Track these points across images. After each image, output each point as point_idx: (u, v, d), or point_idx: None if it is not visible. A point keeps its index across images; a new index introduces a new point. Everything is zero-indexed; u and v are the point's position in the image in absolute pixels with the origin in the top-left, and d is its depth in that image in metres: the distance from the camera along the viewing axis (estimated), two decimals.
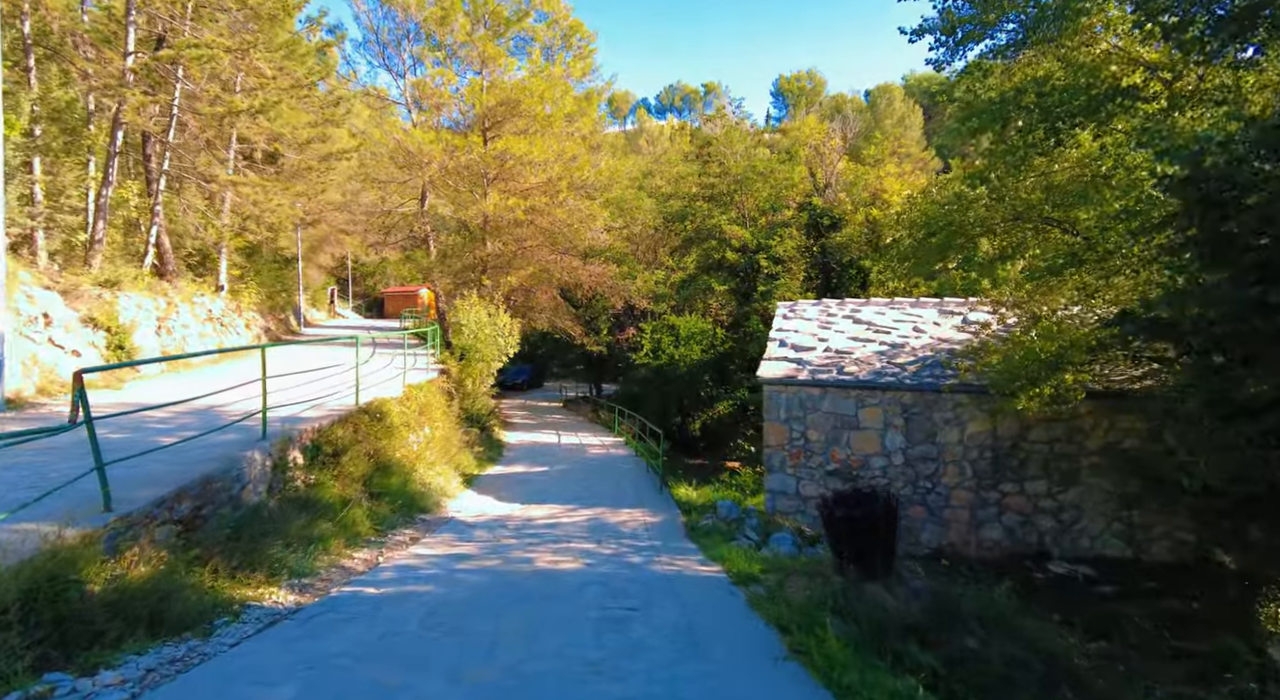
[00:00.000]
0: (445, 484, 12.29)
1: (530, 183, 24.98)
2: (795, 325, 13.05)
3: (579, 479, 14.77)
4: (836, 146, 25.57)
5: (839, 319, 13.03)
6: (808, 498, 11.28)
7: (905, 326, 12.38)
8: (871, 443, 10.98)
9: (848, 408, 11.10)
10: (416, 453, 12.44)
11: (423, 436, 13.25)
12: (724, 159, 25.32)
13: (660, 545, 8.17)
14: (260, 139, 18.58)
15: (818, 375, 11.35)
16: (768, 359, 12.07)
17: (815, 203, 24.42)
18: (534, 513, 11.00)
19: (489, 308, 22.49)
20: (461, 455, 15.25)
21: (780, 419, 11.44)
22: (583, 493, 13.03)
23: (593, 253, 30.68)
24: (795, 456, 11.37)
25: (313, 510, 8.21)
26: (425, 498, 10.93)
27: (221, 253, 20.78)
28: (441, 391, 15.97)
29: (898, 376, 10.97)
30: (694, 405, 28.81)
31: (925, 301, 13.13)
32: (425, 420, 13.60)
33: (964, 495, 10.52)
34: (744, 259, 24.18)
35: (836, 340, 12.31)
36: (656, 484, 14.22)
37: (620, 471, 16.14)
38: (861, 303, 13.57)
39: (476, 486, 13.63)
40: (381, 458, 10.59)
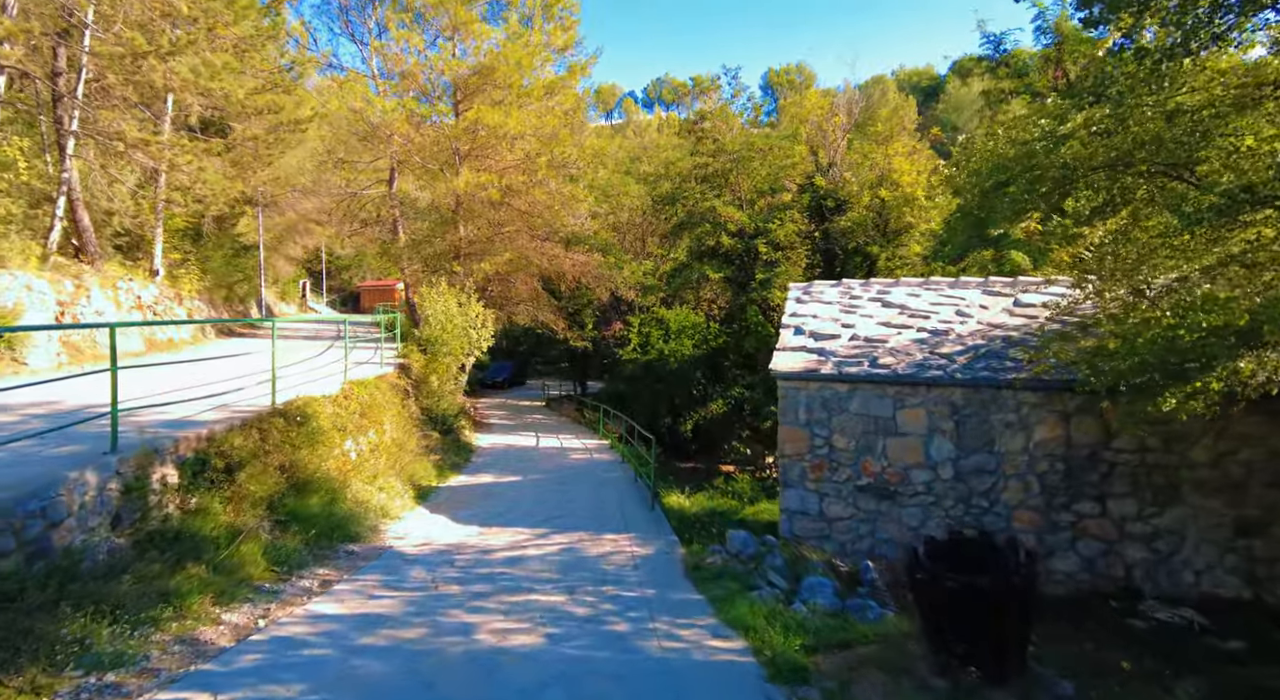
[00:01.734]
0: (388, 501, 10.07)
1: (506, 160, 22.73)
2: (812, 309, 10.95)
3: (556, 491, 12.60)
4: (841, 123, 23.49)
5: (864, 302, 10.94)
6: (834, 520, 9.18)
7: (945, 310, 10.32)
8: (913, 451, 8.89)
9: (883, 408, 9.01)
10: (354, 463, 10.21)
11: (364, 443, 11.03)
12: (719, 135, 23.19)
13: (655, 597, 6.01)
14: (195, 101, 16.22)
15: (845, 368, 9.25)
16: (782, 349, 9.95)
17: (819, 183, 22.34)
18: (495, 540, 8.81)
19: (460, 297, 20.25)
20: (417, 464, 13.02)
21: (799, 422, 9.33)
22: (558, 510, 10.86)
23: (576, 240, 28.47)
24: (818, 468, 9.26)
25: (182, 550, 5.99)
26: (357, 521, 8.72)
27: (157, 233, 18.38)
28: (394, 389, 13.73)
29: (945, 369, 8.89)
30: (686, 404, 26.68)
31: (966, 281, 11.06)
32: (369, 423, 11.37)
33: (1029, 517, 8.46)
34: (740, 244, 22.06)
35: (864, 326, 10.21)
36: (646, 498, 12.08)
37: (604, 481, 13.98)
38: (889, 283, 11.49)
39: (431, 502, 11.42)
40: (300, 471, 8.37)
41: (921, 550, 4.11)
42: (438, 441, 15.63)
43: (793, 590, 6.23)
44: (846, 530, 9.15)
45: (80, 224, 15.77)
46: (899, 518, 8.95)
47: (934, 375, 8.82)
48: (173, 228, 19.73)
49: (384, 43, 21.53)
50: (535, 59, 22.70)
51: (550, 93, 24.84)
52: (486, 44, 22.27)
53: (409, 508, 10.63)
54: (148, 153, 12.37)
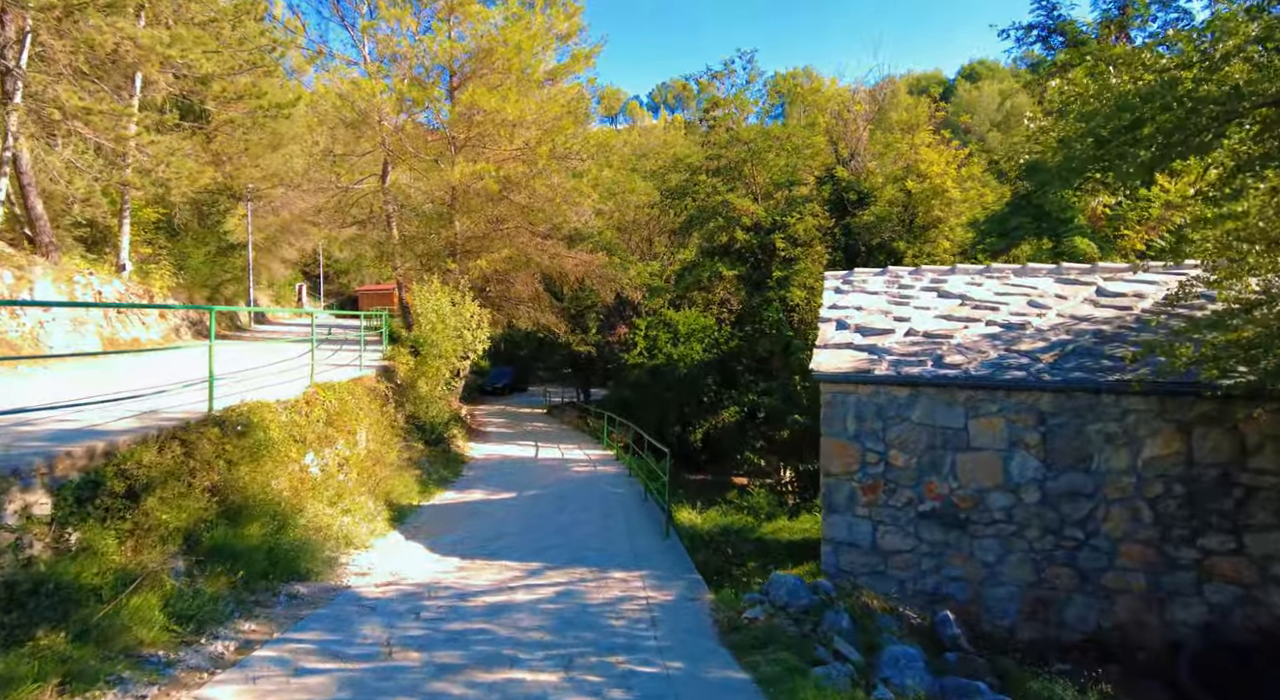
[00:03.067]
0: (354, 527, 8.47)
1: (505, 151, 21.21)
2: (856, 300, 9.35)
3: (554, 511, 10.98)
4: (863, 112, 21.94)
5: (917, 292, 9.33)
6: (891, 553, 7.54)
7: (1015, 301, 8.71)
8: (989, 470, 7.26)
9: (952, 417, 7.39)
10: (314, 481, 8.62)
11: (331, 456, 9.43)
12: (732, 123, 21.63)
13: (682, 675, 4.39)
14: (162, 80, 14.74)
15: (904, 368, 7.64)
16: (823, 346, 8.35)
17: (840, 174, 20.77)
18: (477, 578, 7.19)
19: (454, 295, 18.71)
20: (396, 479, 11.42)
21: (847, 433, 7.71)
22: (556, 536, 9.24)
23: (579, 237, 26.95)
24: (871, 490, 7.63)
25: (39, 609, 4.41)
26: (310, 554, 7.11)
27: (123, 224, 16.87)
28: (373, 394, 12.14)
29: (1029, 369, 7.27)
30: (695, 412, 25.04)
31: (1035, 268, 9.45)
32: (338, 432, 9.78)
33: (1139, 553, 6.82)
34: (756, 240, 20.49)
35: (921, 319, 8.61)
36: (659, 522, 10.45)
37: (609, 499, 12.36)
38: (943, 270, 9.89)
39: (408, 525, 9.81)
40: (237, 493, 6.77)
41: (1185, 667, 2.50)
42: (424, 453, 14.03)
43: (869, 664, 4.60)
44: (906, 566, 7.52)
45: (34, 212, 14.26)
46: (971, 551, 7.32)
47: (1015, 377, 7.20)
48: (143, 220, 18.25)
49: (374, 21, 20.06)
50: (536, 44, 21.22)
51: (552, 79, 23.41)
52: (484, 27, 20.82)
53: (381, 533, 9.02)
54: (90, 124, 10.89)
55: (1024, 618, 7.12)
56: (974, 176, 20.45)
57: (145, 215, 17.99)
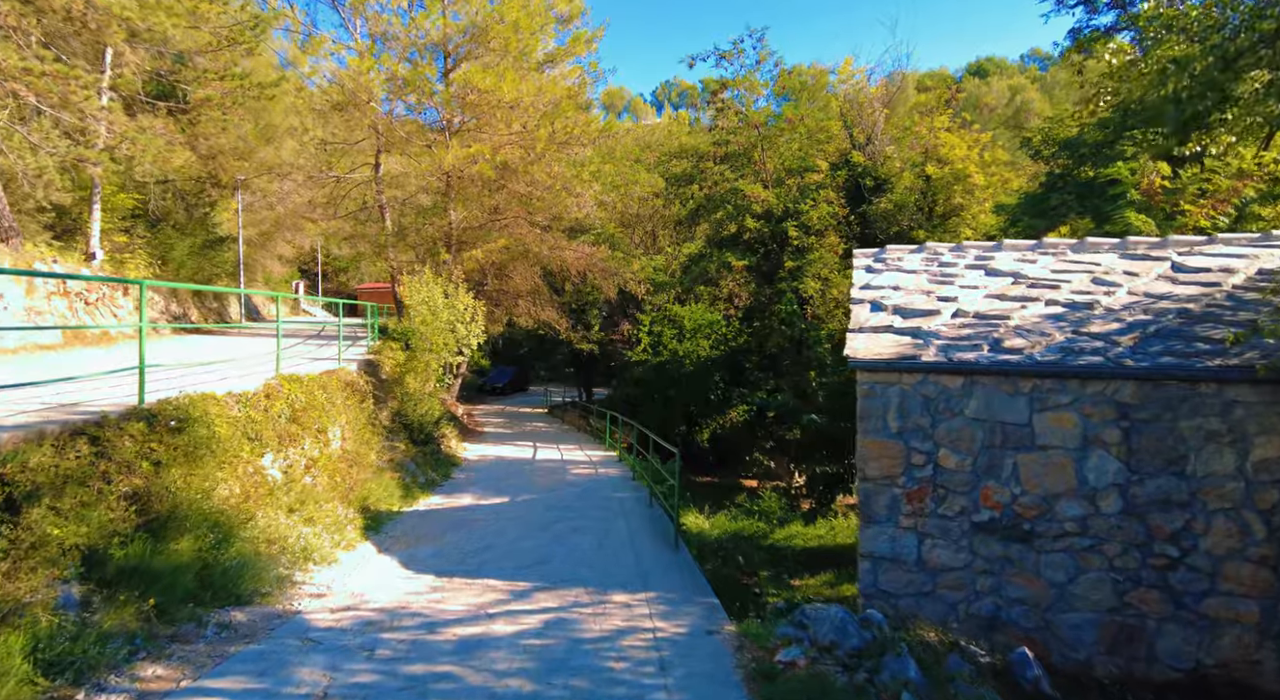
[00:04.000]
0: (317, 538, 7.34)
1: (502, 134, 20.09)
2: (891, 279, 8.20)
3: (550, 519, 9.85)
4: (879, 95, 20.77)
5: (961, 269, 8.18)
6: (940, 570, 6.39)
7: (1077, 278, 7.55)
8: (1059, 473, 6.11)
9: (1014, 410, 6.24)
10: (272, 485, 7.51)
11: (296, 456, 8.32)
12: (743, 105, 20.46)
13: None
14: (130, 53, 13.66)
15: (956, 354, 6.49)
16: (858, 330, 7.20)
17: (856, 159, 19.59)
18: (452, 602, 6.07)
19: (447, 287, 17.61)
20: (375, 482, 10.31)
21: (888, 431, 6.56)
22: (550, 548, 8.11)
23: (581, 229, 25.84)
24: (917, 497, 6.48)
25: None
26: (257, 571, 6.00)
27: (93, 209, 15.80)
28: (350, 388, 11.01)
29: (1106, 354, 6.12)
30: (702, 411, 23.88)
31: (1096, 242, 8.29)
32: (304, 430, 8.66)
33: (1249, 574, 5.66)
34: (767, 228, 19.31)
35: (969, 299, 7.46)
36: (668, 532, 9.31)
37: (611, 505, 11.22)
38: (990, 246, 8.72)
39: (384, 535, 8.69)
40: (165, 500, 5.66)
41: None
42: (410, 453, 12.92)
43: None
44: (958, 586, 6.37)
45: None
46: (1037, 569, 6.17)
47: (1091, 363, 6.05)
48: (117, 206, 17.18)
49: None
50: (535, 23, 20.11)
51: (552, 64, 22.31)
52: (480, 3, 19.73)
53: (350, 544, 7.90)
54: (32, 87, 9.78)
55: (1103, 650, 5.96)
56: (997, 161, 19.27)
57: (119, 202, 16.93)
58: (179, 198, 22.36)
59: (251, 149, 25.31)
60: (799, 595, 12.61)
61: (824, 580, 13.73)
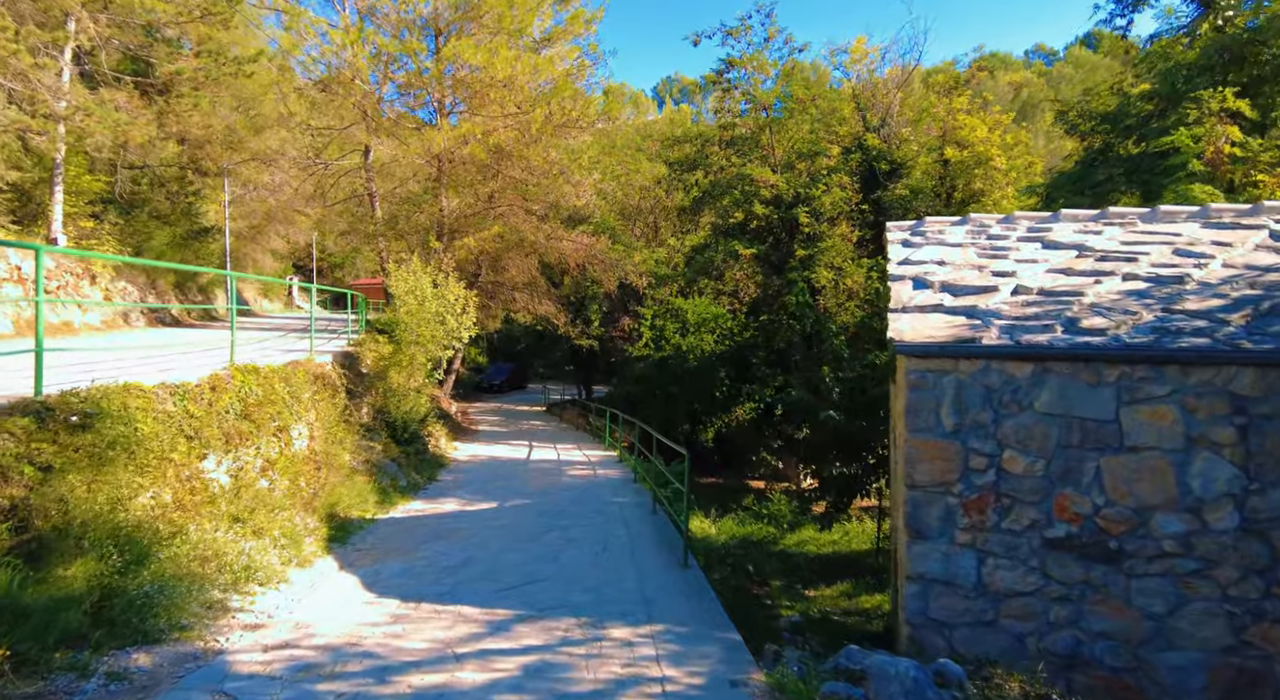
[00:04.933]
0: (265, 554, 6.24)
1: (495, 115, 19.00)
2: (935, 253, 7.10)
3: (542, 527, 8.76)
4: (895, 76, 19.67)
5: (1013, 242, 7.09)
6: (1005, 595, 5.30)
7: (1156, 249, 6.46)
8: (1156, 480, 5.03)
9: (1097, 404, 5.15)
10: (216, 492, 6.42)
11: (249, 457, 7.22)
12: (750, 85, 19.33)
13: None
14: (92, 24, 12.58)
15: (1023, 335, 5.40)
16: (900, 310, 6.11)
17: (871, 142, 18.49)
18: (415, 637, 4.98)
19: (436, 276, 16.50)
20: (347, 486, 9.22)
21: (942, 429, 5.47)
22: (539, 565, 7.01)
23: (579, 216, 24.72)
24: (976, 507, 5.38)
25: None
26: (178, 599, 4.91)
27: (55, 191, 14.72)
28: (320, 382, 9.90)
29: (1212, 335, 5.03)
30: (706, 409, 22.74)
31: (1172, 211, 7.20)
32: (259, 428, 7.56)
33: None
34: (776, 215, 18.20)
35: (1030, 274, 6.36)
36: (675, 546, 8.21)
37: (610, 510, 10.13)
38: (1045, 217, 7.63)
39: (352, 547, 7.61)
40: (56, 513, 4.57)
41: None
42: (392, 454, 11.83)
43: None
44: (1026, 615, 5.28)
45: None
46: (1127, 597, 5.08)
47: (1196, 345, 4.95)
48: (82, 189, 16.07)
49: None
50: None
51: (549, 43, 21.19)
52: None
53: (307, 560, 6.81)
54: None
55: (1216, 699, 4.87)
56: (1021, 143, 18.17)
57: (85, 184, 15.84)
58: (158, 184, 21.24)
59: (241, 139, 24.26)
60: (814, 607, 11.54)
61: (841, 591, 12.66)
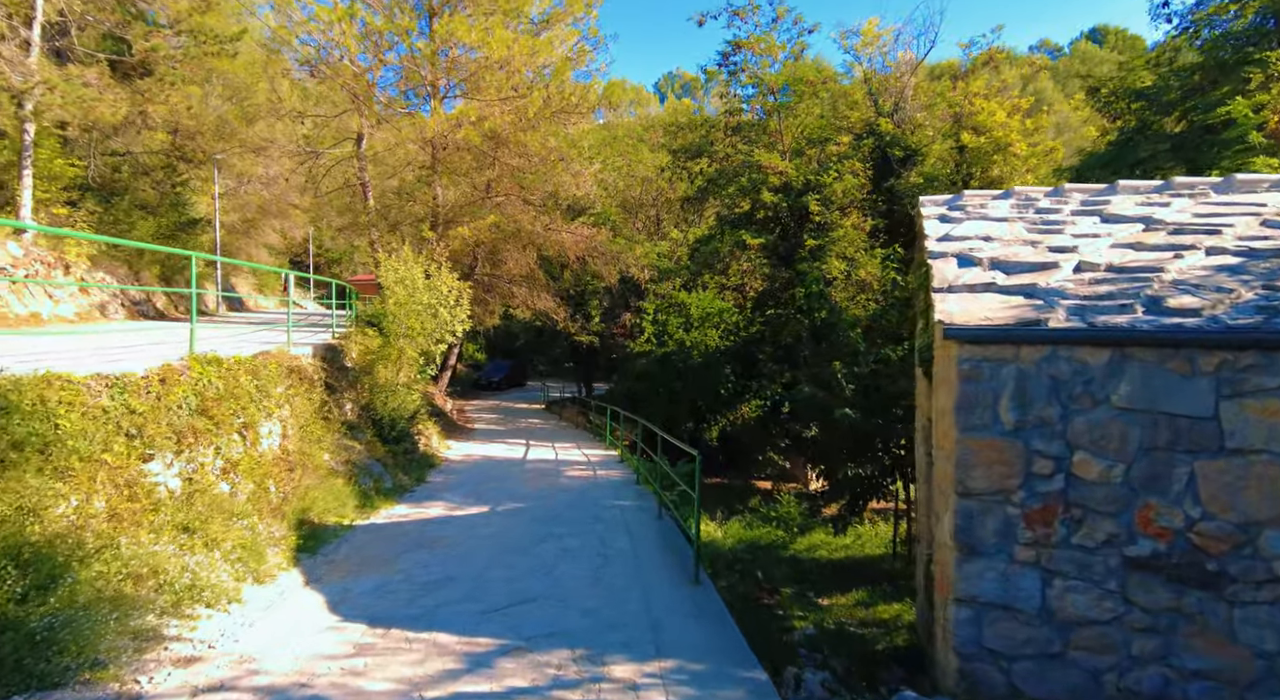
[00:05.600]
0: (213, 568, 5.44)
1: (491, 97, 18.18)
2: (978, 228, 6.28)
3: (536, 535, 7.95)
4: (909, 59, 18.82)
5: (1066, 216, 6.27)
6: (1075, 624, 4.49)
7: (1240, 221, 5.65)
8: (1266, 489, 4.23)
9: (1189, 396, 4.35)
10: (159, 498, 5.61)
11: (206, 458, 6.41)
12: (758, 66, 18.46)
13: None
14: None
15: (1098, 317, 4.59)
16: (946, 290, 5.29)
17: (884, 127, 17.65)
18: (378, 676, 4.17)
19: (429, 267, 15.70)
20: (322, 489, 8.41)
21: (1000, 427, 4.65)
22: (531, 579, 6.20)
23: (579, 208, 23.91)
24: (1041, 518, 4.57)
25: None
26: (95, 629, 4.10)
27: (23, 175, 13.91)
28: (294, 375, 9.08)
29: None
30: (711, 407, 21.92)
31: (1250, 180, 6.38)
32: (220, 425, 6.74)
33: None
34: (785, 203, 17.37)
35: (1093, 249, 5.55)
36: (682, 552, 7.41)
37: (611, 516, 9.32)
38: (1100, 189, 6.80)
39: (322, 558, 6.80)
40: None
41: None
42: (377, 453, 11.02)
43: None
44: (1103, 647, 4.46)
45: None
46: (1230, 629, 4.27)
47: None
48: (57, 175, 15.26)
49: None
50: None
51: (548, 25, 20.38)
52: None
53: (268, 575, 6.00)
54: None
55: None
56: (1041, 128, 17.34)
57: (57, 169, 15.02)
58: (141, 172, 20.42)
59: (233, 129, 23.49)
60: (829, 618, 10.73)
61: (856, 599, 11.86)
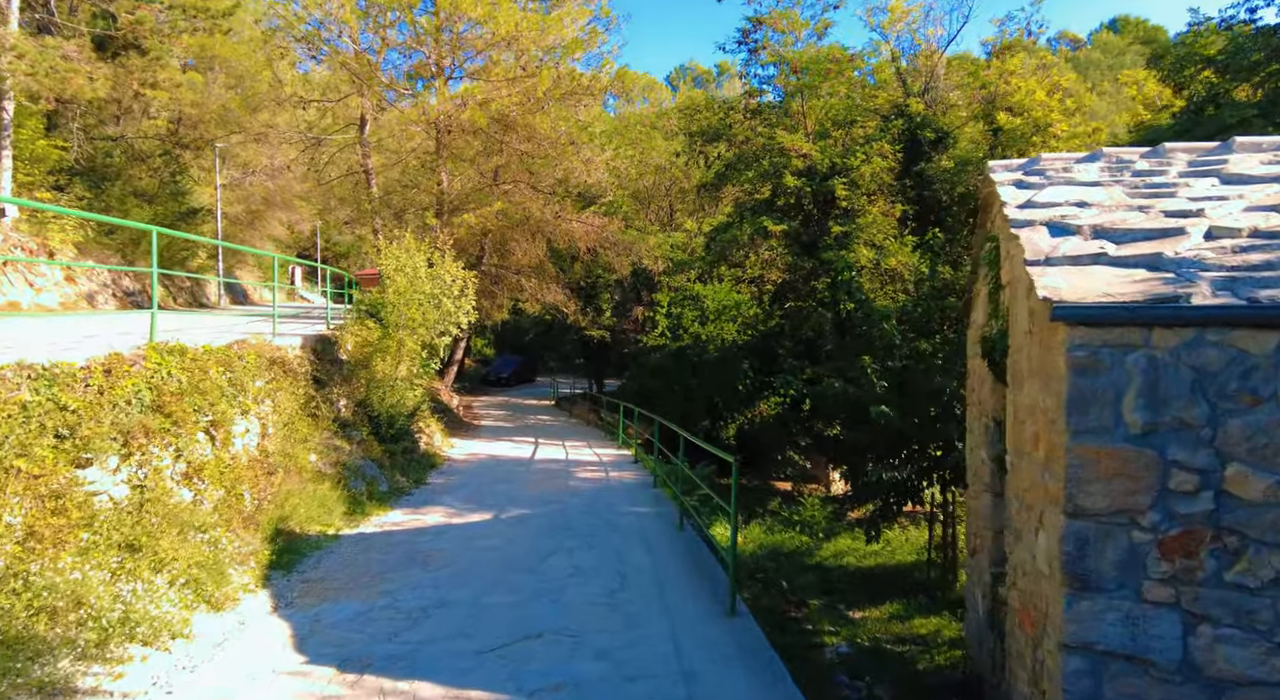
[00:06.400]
0: (155, 596, 4.55)
1: (498, 80, 17.25)
2: (1067, 194, 5.29)
3: (543, 549, 7.04)
4: (941, 36, 17.77)
5: (1173, 178, 5.28)
6: (1229, 683, 3.52)
7: None
8: None
9: None
10: (96, 510, 4.72)
11: (159, 462, 5.52)
12: (780, 44, 17.43)
13: None
14: None
15: (1258, 292, 3.60)
16: (1043, 262, 4.31)
17: (914, 107, 16.60)
18: None
19: (432, 254, 14.82)
20: (306, 494, 7.51)
21: (1124, 431, 3.68)
22: (536, 607, 5.28)
23: (590, 196, 22.95)
24: (1181, 547, 3.60)
25: None
26: None
27: (1, 155, 13.12)
28: (276, 367, 8.18)
29: None
30: (728, 404, 20.95)
31: None
32: (177, 423, 5.85)
33: None
34: (810, 187, 16.35)
35: (1223, 213, 4.57)
36: (710, 569, 6.47)
37: (627, 525, 8.40)
38: (1211, 147, 5.79)
39: (296, 577, 5.91)
40: None
41: None
42: (373, 453, 10.14)
43: None
44: None
45: None
46: None
47: None
48: (40, 157, 14.48)
49: None
50: None
51: (559, 1, 19.43)
52: None
53: (228, 599, 5.11)
54: None
55: None
56: (1083, 108, 16.26)
57: (40, 150, 14.23)
58: (136, 158, 19.66)
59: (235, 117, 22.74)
60: (862, 633, 9.78)
61: (890, 612, 10.91)
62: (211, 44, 15.69)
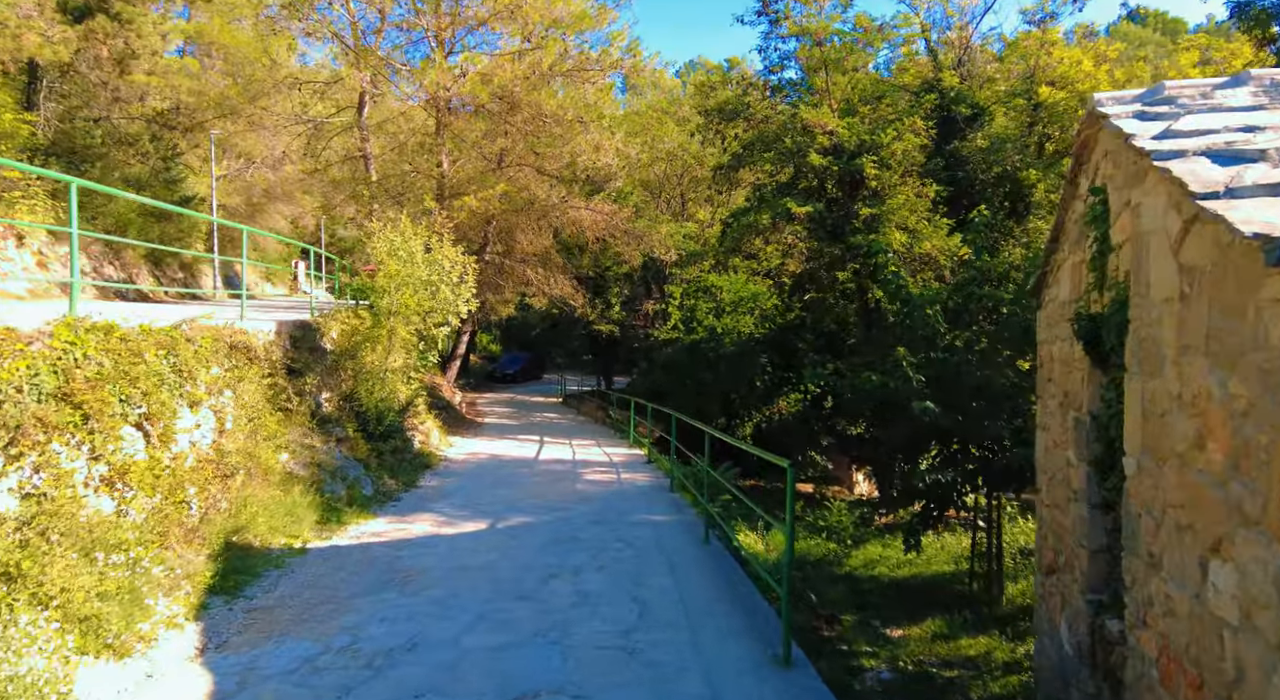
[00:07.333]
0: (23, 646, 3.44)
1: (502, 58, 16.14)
2: (1222, 120, 4.11)
3: (544, 570, 5.90)
4: (973, 4, 16.53)
5: None
6: None
7: None
8: None
9: None
10: None
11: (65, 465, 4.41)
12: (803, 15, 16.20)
13: None
14: None
15: None
16: (1224, 194, 3.09)
17: (948, 80, 15.38)
18: None
19: (429, 239, 13.71)
20: (268, 501, 6.40)
21: None
22: (534, 647, 4.15)
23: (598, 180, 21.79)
24: None
25: None
26: None
27: None
28: (239, 353, 7.06)
29: None
30: (745, 401, 19.81)
31: None
32: (94, 417, 4.74)
33: None
34: (836, 166, 15.14)
35: None
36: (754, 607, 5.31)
37: (644, 538, 7.25)
38: None
39: (242, 604, 4.81)
40: None
41: None
42: (359, 453, 9.04)
43: None
44: None
45: None
46: None
47: None
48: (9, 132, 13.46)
49: None
50: None
51: None
52: None
53: (151, 636, 4.02)
54: None
55: None
56: (1135, 78, 15.00)
57: (8, 125, 13.21)
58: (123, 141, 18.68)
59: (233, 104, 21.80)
60: (903, 654, 8.61)
61: (931, 630, 9.72)
62: (207, 28, 14.63)
